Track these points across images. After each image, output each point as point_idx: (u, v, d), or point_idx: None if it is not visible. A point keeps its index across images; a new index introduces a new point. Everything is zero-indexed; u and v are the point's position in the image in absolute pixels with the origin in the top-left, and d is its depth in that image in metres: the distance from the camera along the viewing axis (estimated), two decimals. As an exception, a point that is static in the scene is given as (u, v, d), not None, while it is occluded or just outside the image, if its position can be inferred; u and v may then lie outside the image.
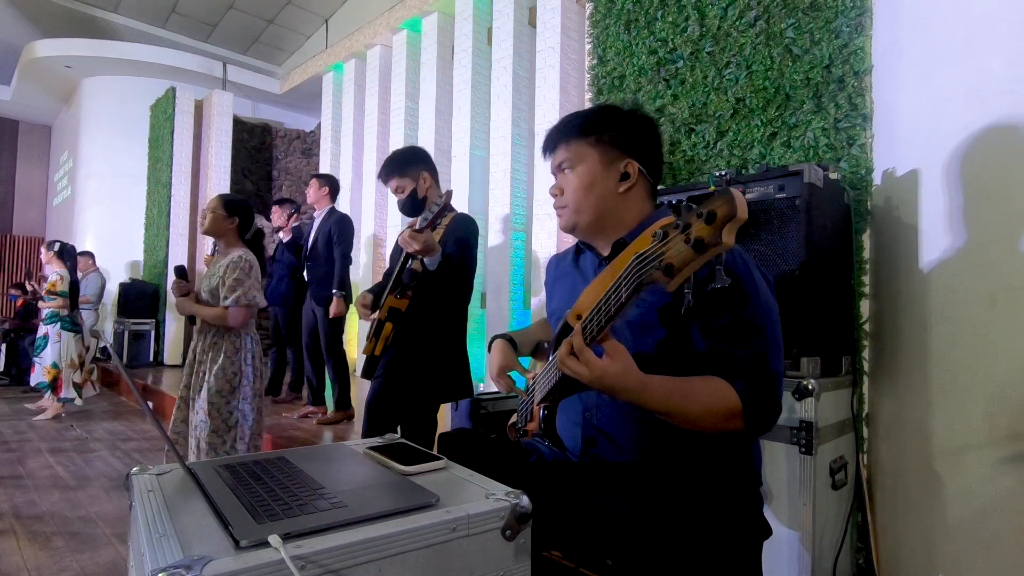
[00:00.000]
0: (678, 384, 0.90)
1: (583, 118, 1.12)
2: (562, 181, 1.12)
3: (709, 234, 0.68)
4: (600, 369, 0.85)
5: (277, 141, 7.75)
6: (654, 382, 0.88)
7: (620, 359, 0.85)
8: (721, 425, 0.90)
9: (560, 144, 1.12)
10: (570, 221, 1.12)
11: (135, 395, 4.61)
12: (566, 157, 1.10)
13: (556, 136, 1.13)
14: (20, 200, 9.71)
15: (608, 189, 1.08)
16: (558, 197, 1.12)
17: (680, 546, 0.92)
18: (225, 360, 2.13)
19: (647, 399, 0.88)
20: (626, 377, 0.85)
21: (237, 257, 2.18)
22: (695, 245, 0.68)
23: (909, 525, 1.59)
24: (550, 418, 1.08)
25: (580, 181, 1.08)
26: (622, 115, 1.10)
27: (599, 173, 1.08)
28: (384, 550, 0.66)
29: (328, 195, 3.71)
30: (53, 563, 1.95)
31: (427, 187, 2.04)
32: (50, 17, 7.13)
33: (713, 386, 0.91)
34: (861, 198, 1.76)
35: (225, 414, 2.11)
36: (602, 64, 2.50)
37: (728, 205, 0.67)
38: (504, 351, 1.24)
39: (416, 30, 4.97)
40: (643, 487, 0.98)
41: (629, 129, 1.09)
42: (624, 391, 0.86)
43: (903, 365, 1.64)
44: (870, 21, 1.78)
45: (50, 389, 4.43)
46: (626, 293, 0.78)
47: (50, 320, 4.47)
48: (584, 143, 1.09)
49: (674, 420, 0.90)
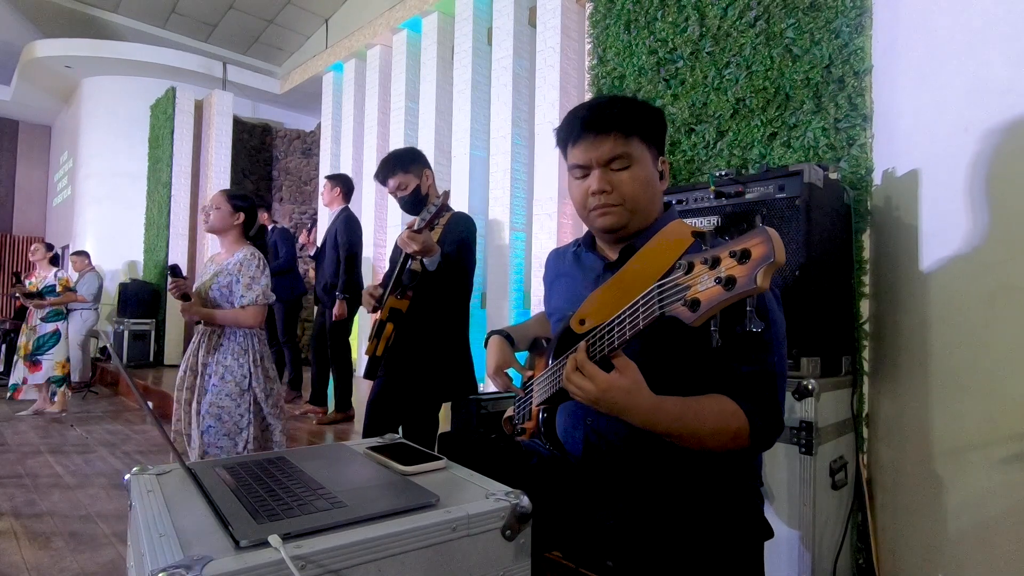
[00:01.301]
0: (688, 405, 0.87)
1: (633, 111, 1.02)
2: (609, 177, 1.01)
3: (743, 275, 0.64)
4: (606, 383, 0.81)
5: (277, 141, 7.76)
6: (665, 403, 0.84)
7: (629, 374, 0.82)
8: (728, 445, 0.88)
9: (610, 135, 1.00)
10: (623, 221, 1.03)
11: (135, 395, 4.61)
12: (624, 152, 1.00)
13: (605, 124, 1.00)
14: (20, 200, 9.71)
15: (657, 190, 1.05)
16: (606, 195, 1.02)
17: (681, 547, 0.92)
18: (232, 361, 2.07)
19: (657, 420, 0.84)
20: (635, 395, 0.82)
21: (249, 254, 2.13)
22: (726, 284, 0.65)
23: (909, 525, 1.59)
24: (550, 421, 1.07)
25: (640, 180, 1.02)
26: (654, 111, 1.06)
27: (652, 173, 1.04)
28: (384, 550, 0.66)
29: (341, 195, 3.68)
30: (53, 563, 1.95)
31: (429, 184, 2.05)
32: (50, 17, 7.13)
33: (722, 406, 0.88)
34: (861, 198, 1.76)
35: (236, 416, 2.05)
36: (602, 64, 2.50)
37: (764, 247, 0.63)
38: (501, 348, 1.23)
39: (416, 30, 4.97)
40: (644, 488, 0.98)
41: (662, 126, 1.07)
42: (633, 409, 0.83)
43: (903, 365, 1.64)
44: (870, 21, 1.78)
45: (63, 384, 4.49)
46: (644, 322, 0.76)
47: (56, 317, 4.51)
48: (638, 140, 1.02)
49: (682, 442, 0.87)
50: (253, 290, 2.08)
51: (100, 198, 7.24)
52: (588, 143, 1.01)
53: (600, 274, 1.10)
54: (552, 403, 1.05)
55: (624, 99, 1.06)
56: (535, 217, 3.59)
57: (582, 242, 1.18)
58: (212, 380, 2.06)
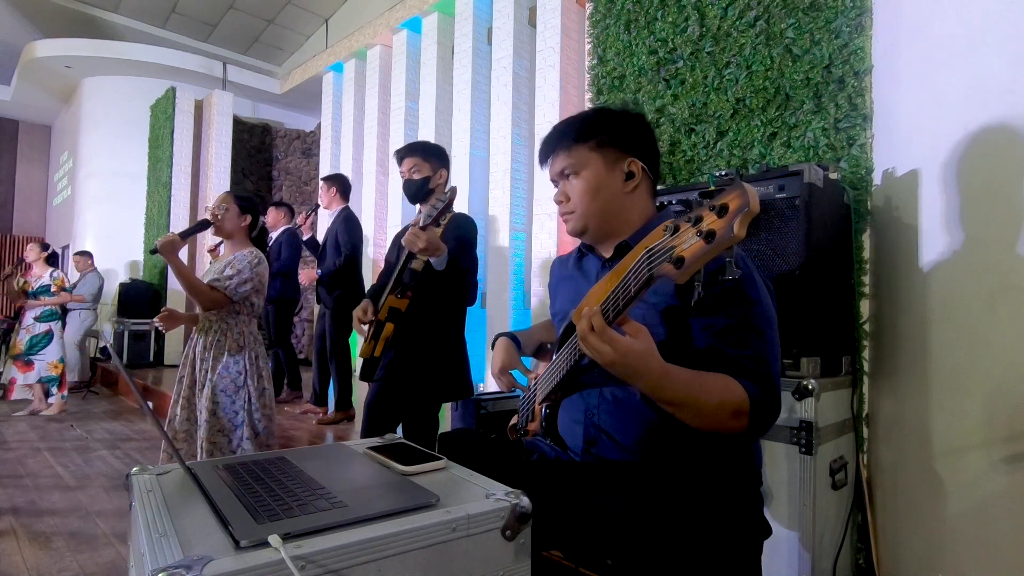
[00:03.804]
0: (696, 375, 0.88)
1: (579, 123, 1.11)
2: (566, 187, 1.11)
3: (721, 226, 0.67)
4: (625, 346, 0.81)
5: (277, 141, 7.75)
6: (674, 369, 0.86)
7: (643, 338, 0.82)
8: (727, 423, 0.89)
9: (558, 152, 1.11)
10: (579, 226, 1.11)
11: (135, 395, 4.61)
12: (568, 164, 1.09)
13: (553, 144, 1.12)
14: (20, 200, 9.71)
15: (614, 191, 1.08)
16: (564, 204, 1.12)
17: (680, 546, 0.92)
18: (229, 359, 2.09)
19: (666, 385, 0.85)
20: (649, 358, 0.83)
21: (249, 251, 2.17)
22: (707, 237, 0.68)
23: (909, 525, 1.59)
24: (551, 417, 1.08)
25: (586, 186, 1.08)
26: (615, 115, 1.10)
27: (604, 176, 1.08)
28: (384, 550, 0.66)
29: (338, 195, 3.69)
30: (53, 563, 1.95)
31: (439, 183, 2.06)
32: (50, 17, 7.13)
33: (725, 381, 0.90)
34: (861, 198, 1.76)
35: (230, 414, 2.07)
36: (602, 64, 2.50)
37: (740, 198, 0.66)
38: (508, 349, 1.25)
39: (416, 30, 4.97)
40: (644, 486, 0.98)
41: (625, 128, 1.10)
42: (646, 374, 0.83)
43: (903, 365, 1.64)
44: (870, 21, 1.78)
45: (56, 384, 4.46)
46: (635, 287, 0.78)
47: (50, 317, 4.48)
48: (584, 148, 1.08)
49: (685, 413, 0.88)
50: (231, 279, 2.08)
51: (100, 198, 7.24)
52: (549, 165, 1.15)
53: (599, 272, 1.13)
54: (556, 395, 1.05)
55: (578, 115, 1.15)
56: (535, 217, 3.59)
57: (582, 247, 1.21)
58: (209, 376, 2.08)
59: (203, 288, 2.05)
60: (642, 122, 1.12)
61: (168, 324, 2.12)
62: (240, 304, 2.14)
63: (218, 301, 2.08)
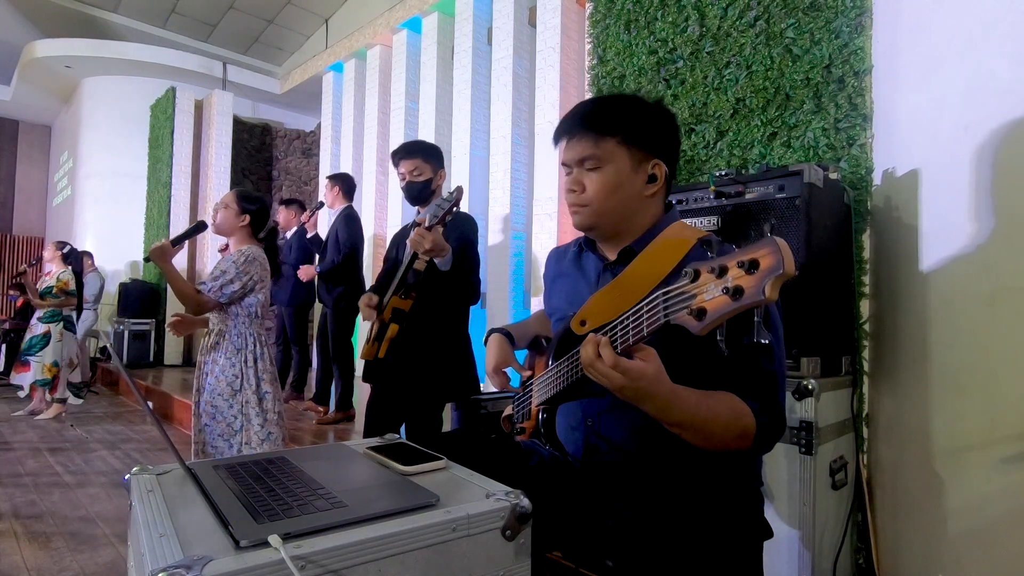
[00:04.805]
0: (703, 397, 0.85)
1: (613, 112, 1.02)
2: (582, 176, 1.03)
3: (751, 285, 0.63)
4: (636, 372, 0.78)
5: (277, 141, 7.75)
6: (682, 391, 0.83)
7: (653, 360, 0.80)
8: (730, 444, 0.88)
9: (582, 137, 1.01)
10: (588, 222, 1.04)
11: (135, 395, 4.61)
12: (593, 154, 1.01)
13: (579, 126, 1.02)
14: (20, 200, 9.71)
15: (634, 193, 1.02)
16: (577, 194, 1.03)
17: (680, 547, 0.91)
18: (225, 361, 2.07)
19: (674, 408, 0.83)
20: (659, 382, 0.80)
21: (237, 251, 2.12)
22: (733, 294, 0.64)
23: (909, 525, 1.59)
24: (549, 421, 1.07)
25: (607, 183, 1.01)
26: (649, 110, 1.03)
27: (627, 175, 1.01)
28: (384, 550, 0.66)
29: (341, 194, 3.68)
30: (53, 563, 1.95)
31: (439, 183, 2.06)
32: (50, 17, 7.13)
33: (732, 403, 0.87)
34: (861, 198, 1.76)
35: (229, 417, 2.04)
36: (602, 64, 2.50)
37: (773, 256, 0.62)
38: (501, 346, 1.22)
39: (416, 30, 4.97)
40: (644, 488, 0.98)
41: (657, 126, 1.03)
42: (655, 396, 0.81)
43: (903, 365, 1.64)
44: (870, 21, 1.78)
45: (47, 387, 4.41)
46: (649, 329, 0.75)
47: (51, 318, 4.46)
48: (613, 142, 1.00)
49: (690, 434, 0.86)
50: (215, 280, 2.05)
51: (100, 198, 7.24)
52: (567, 143, 1.05)
53: (600, 274, 1.09)
54: (553, 403, 1.04)
55: (613, 99, 1.06)
56: (535, 217, 3.59)
57: (583, 242, 1.17)
58: (208, 379, 2.07)
59: (190, 292, 2.04)
60: (673, 122, 1.06)
61: (179, 330, 2.11)
62: (238, 305, 2.11)
63: (205, 305, 2.06)
